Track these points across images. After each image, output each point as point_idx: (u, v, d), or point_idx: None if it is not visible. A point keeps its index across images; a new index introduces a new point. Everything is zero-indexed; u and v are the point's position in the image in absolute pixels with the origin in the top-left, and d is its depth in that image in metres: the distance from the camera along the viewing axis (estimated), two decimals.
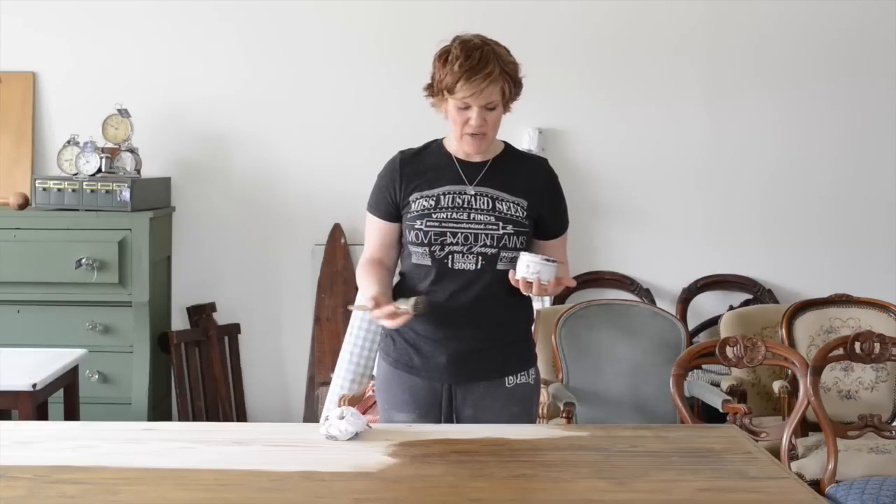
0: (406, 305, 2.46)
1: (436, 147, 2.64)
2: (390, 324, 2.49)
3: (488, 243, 2.52)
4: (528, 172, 2.62)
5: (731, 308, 4.51)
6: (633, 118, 4.69)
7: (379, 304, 2.47)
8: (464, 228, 2.53)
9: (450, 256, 2.53)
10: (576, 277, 4.61)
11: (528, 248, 2.57)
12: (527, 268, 2.45)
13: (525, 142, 4.54)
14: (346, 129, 4.65)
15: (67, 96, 4.63)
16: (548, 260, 2.46)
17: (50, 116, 4.64)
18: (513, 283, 2.47)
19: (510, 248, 2.53)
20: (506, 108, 2.56)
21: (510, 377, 2.61)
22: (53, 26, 4.61)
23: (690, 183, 4.71)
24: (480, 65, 2.45)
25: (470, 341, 2.56)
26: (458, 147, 2.59)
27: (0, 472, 2.07)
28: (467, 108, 2.49)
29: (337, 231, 4.60)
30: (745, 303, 4.65)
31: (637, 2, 4.64)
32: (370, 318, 2.51)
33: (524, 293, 2.48)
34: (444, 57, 2.51)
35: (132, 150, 4.39)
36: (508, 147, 2.66)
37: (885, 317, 3.99)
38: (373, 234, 2.65)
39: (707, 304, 4.70)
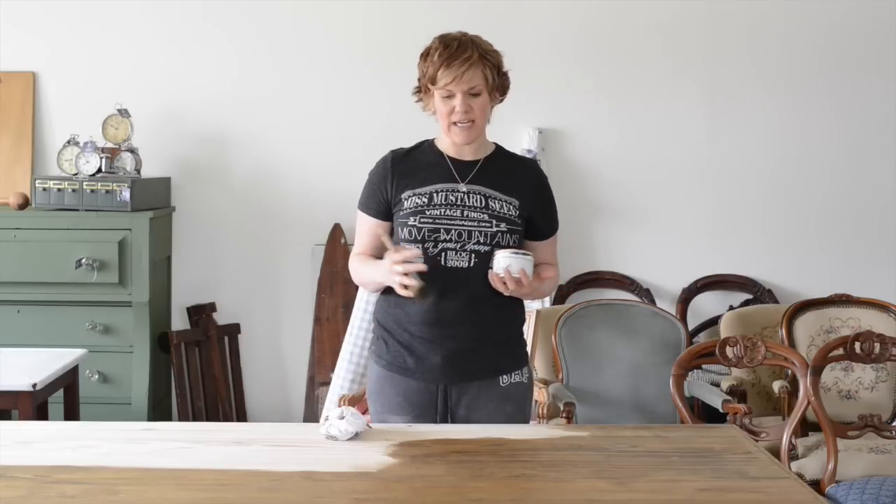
0: (415, 282, 2.44)
1: (427, 146, 2.66)
2: (399, 271, 2.44)
3: (482, 241, 2.53)
4: (520, 173, 2.64)
5: (731, 308, 4.51)
6: (632, 118, 4.69)
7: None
8: (457, 225, 2.53)
9: (443, 254, 2.53)
10: (576, 277, 4.63)
11: (520, 248, 2.58)
12: (497, 263, 2.48)
13: (525, 142, 4.54)
14: (347, 129, 4.65)
15: (67, 96, 4.63)
16: (517, 252, 2.48)
17: (50, 116, 4.64)
18: (492, 283, 2.49)
19: (503, 245, 2.54)
20: (492, 96, 2.57)
21: (504, 376, 2.61)
22: (53, 26, 4.61)
23: (690, 183, 4.71)
24: (459, 51, 2.51)
25: (464, 340, 2.56)
26: (448, 141, 2.60)
27: (0, 472, 2.07)
28: (451, 96, 2.52)
29: (337, 231, 4.60)
30: (745, 303, 4.65)
31: (637, 1, 4.64)
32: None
33: (503, 292, 2.49)
34: (425, 53, 2.57)
35: (132, 150, 4.39)
36: (499, 148, 2.67)
37: (885, 317, 3.99)
38: (364, 232, 2.65)
39: (707, 304, 4.70)
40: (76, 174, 4.31)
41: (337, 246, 4.60)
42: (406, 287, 2.45)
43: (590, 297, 4.39)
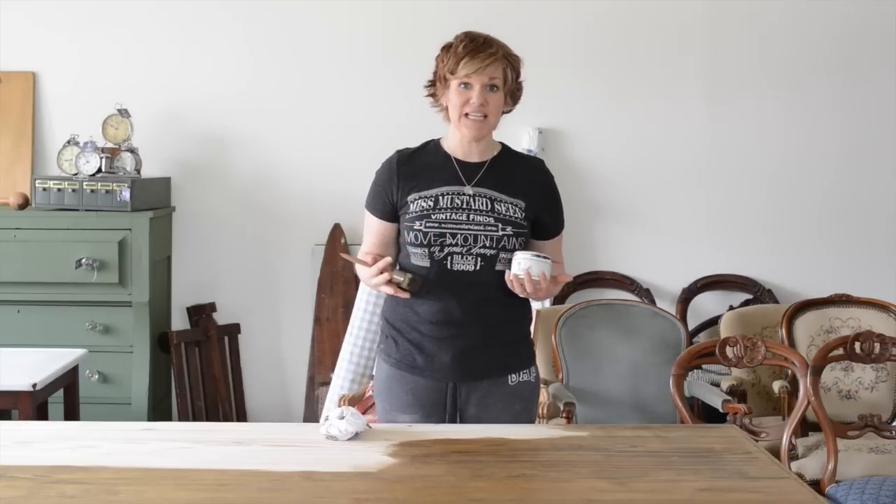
0: (401, 277, 2.49)
1: (433, 147, 2.65)
2: (380, 282, 2.50)
3: (487, 244, 2.53)
4: (526, 173, 2.63)
5: (731, 308, 4.51)
6: (633, 118, 4.69)
7: (375, 261, 2.53)
8: (463, 229, 2.53)
9: (449, 258, 2.53)
10: (576, 277, 4.63)
11: (526, 248, 2.58)
12: (518, 265, 2.48)
13: (525, 142, 4.54)
14: (347, 129, 4.65)
15: (67, 96, 4.63)
16: (538, 255, 2.48)
17: (50, 116, 4.64)
18: (508, 284, 2.49)
19: (509, 249, 2.54)
20: (506, 98, 2.58)
21: (513, 375, 2.61)
22: (54, 26, 4.61)
23: (691, 183, 4.71)
24: (485, 45, 2.54)
25: (473, 340, 2.56)
26: (455, 141, 2.60)
27: (0, 472, 2.07)
28: (469, 87, 2.52)
29: (337, 231, 4.60)
30: (745, 303, 4.65)
31: (637, 1, 4.64)
32: (367, 279, 2.57)
33: (519, 294, 2.49)
34: (447, 47, 2.58)
35: (132, 150, 4.39)
36: (506, 148, 2.67)
37: (885, 317, 3.99)
38: (371, 232, 2.66)
39: (707, 304, 4.70)
40: (76, 174, 4.31)
41: (337, 246, 4.60)
42: (398, 287, 2.51)
43: (590, 297, 4.39)
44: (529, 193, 2.60)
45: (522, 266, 2.46)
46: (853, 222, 4.71)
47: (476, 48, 2.52)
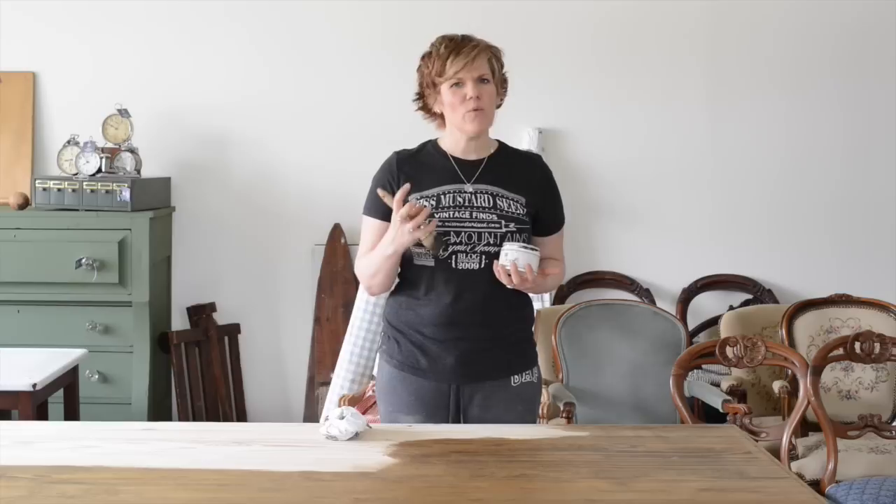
0: (428, 241, 2.47)
1: (431, 147, 2.66)
2: (409, 224, 2.45)
3: (491, 242, 2.53)
4: (524, 168, 2.65)
5: (731, 308, 4.51)
6: (633, 118, 4.69)
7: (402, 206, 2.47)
8: (467, 227, 2.53)
9: (453, 256, 2.53)
10: (576, 277, 4.63)
11: (529, 244, 2.58)
12: (505, 255, 2.49)
13: (525, 142, 4.54)
14: (346, 130, 4.65)
15: (67, 96, 4.62)
16: (526, 246, 2.49)
17: (50, 116, 4.64)
18: (496, 274, 2.48)
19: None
20: (497, 89, 2.59)
21: (515, 376, 2.62)
22: (53, 26, 4.61)
23: (691, 183, 4.71)
24: (465, 41, 2.56)
25: (477, 341, 2.56)
26: (452, 140, 2.61)
27: (0, 472, 2.07)
28: (461, 85, 2.53)
29: (337, 231, 4.60)
30: (745, 303, 4.65)
31: (638, 0, 4.64)
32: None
33: (507, 284, 2.49)
34: (427, 53, 2.61)
35: (132, 150, 4.39)
36: (502, 145, 2.69)
37: (885, 317, 3.99)
38: (371, 236, 2.63)
39: (707, 304, 4.70)
40: (76, 174, 4.31)
41: (337, 246, 4.60)
42: (423, 237, 2.46)
43: (590, 297, 4.39)
44: (529, 188, 2.60)
45: (510, 257, 2.47)
46: (853, 222, 4.71)
47: (457, 45, 2.54)
